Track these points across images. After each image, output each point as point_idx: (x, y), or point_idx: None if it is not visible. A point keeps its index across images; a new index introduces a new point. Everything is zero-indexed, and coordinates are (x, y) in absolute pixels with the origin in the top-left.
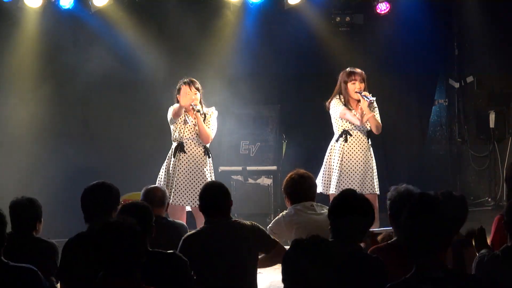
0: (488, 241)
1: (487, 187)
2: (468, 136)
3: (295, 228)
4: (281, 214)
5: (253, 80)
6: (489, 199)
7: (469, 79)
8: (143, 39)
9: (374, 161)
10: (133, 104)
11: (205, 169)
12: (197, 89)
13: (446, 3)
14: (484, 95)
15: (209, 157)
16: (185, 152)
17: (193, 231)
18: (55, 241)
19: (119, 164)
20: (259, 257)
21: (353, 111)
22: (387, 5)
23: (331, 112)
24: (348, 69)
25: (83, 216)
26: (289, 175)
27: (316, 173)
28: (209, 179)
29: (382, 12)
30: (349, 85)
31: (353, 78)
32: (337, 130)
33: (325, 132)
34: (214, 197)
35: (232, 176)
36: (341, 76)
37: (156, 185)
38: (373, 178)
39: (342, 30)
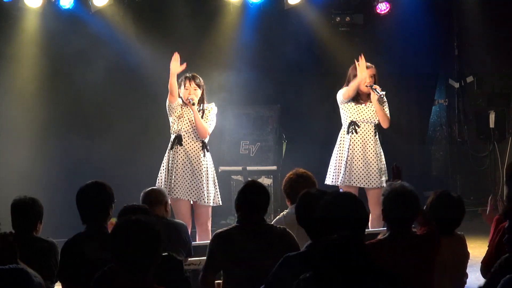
0: (487, 242)
1: (487, 187)
2: (468, 136)
3: (296, 228)
4: (281, 214)
5: (253, 80)
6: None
7: (469, 79)
8: (143, 39)
9: (382, 153)
10: (133, 104)
11: (201, 165)
12: (198, 84)
13: (446, 3)
14: (484, 95)
15: (207, 151)
16: (182, 145)
17: (224, 229)
18: (55, 241)
19: (120, 164)
20: None
21: (362, 105)
22: (387, 5)
23: (338, 101)
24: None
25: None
26: (288, 175)
27: (316, 173)
28: (204, 175)
29: (382, 12)
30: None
31: None
32: (345, 121)
33: (325, 131)
34: (253, 197)
35: (232, 176)
36: (351, 70)
37: (153, 187)
38: (380, 172)
39: (342, 30)
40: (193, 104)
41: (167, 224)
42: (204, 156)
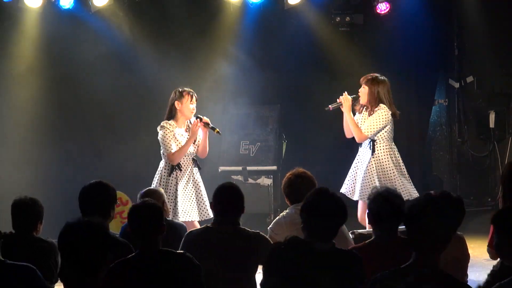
0: (487, 241)
1: (487, 187)
2: (468, 136)
3: (296, 228)
4: (281, 214)
5: (253, 80)
6: (489, 199)
7: (469, 79)
8: (143, 39)
9: (402, 165)
10: (133, 104)
11: (198, 181)
12: (196, 100)
13: (446, 3)
14: (484, 95)
15: (198, 168)
16: (181, 170)
17: (197, 228)
18: (55, 241)
19: (119, 164)
20: None
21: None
22: (387, 5)
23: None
24: (383, 77)
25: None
26: (287, 175)
27: (316, 173)
28: (203, 190)
29: (382, 12)
30: None
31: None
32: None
33: (325, 131)
34: (226, 199)
35: (232, 176)
36: (384, 85)
37: (149, 187)
38: (403, 183)
39: (342, 30)
40: (212, 128)
41: (167, 224)
42: (197, 172)
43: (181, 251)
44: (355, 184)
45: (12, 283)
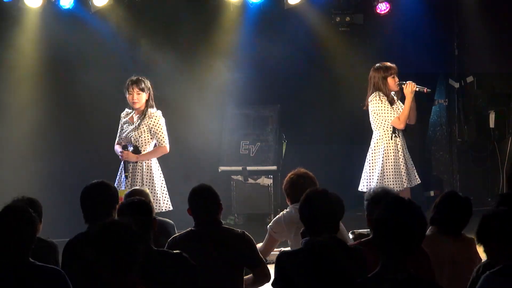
0: None
1: (487, 187)
2: (468, 136)
3: (295, 228)
4: (281, 213)
5: (253, 80)
6: (489, 199)
7: (469, 79)
8: (143, 39)
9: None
10: None
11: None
12: (141, 89)
13: (446, 3)
14: (484, 95)
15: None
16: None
17: (181, 233)
18: (55, 241)
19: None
20: (244, 277)
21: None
22: (387, 5)
23: (372, 108)
24: (380, 64)
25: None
26: (289, 174)
27: (316, 173)
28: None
29: (382, 12)
30: (389, 79)
31: (392, 72)
32: (382, 127)
33: (325, 131)
34: (204, 200)
35: (232, 176)
36: (377, 72)
37: (135, 187)
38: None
39: (342, 30)
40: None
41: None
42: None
43: (177, 251)
44: None
45: (39, 285)
